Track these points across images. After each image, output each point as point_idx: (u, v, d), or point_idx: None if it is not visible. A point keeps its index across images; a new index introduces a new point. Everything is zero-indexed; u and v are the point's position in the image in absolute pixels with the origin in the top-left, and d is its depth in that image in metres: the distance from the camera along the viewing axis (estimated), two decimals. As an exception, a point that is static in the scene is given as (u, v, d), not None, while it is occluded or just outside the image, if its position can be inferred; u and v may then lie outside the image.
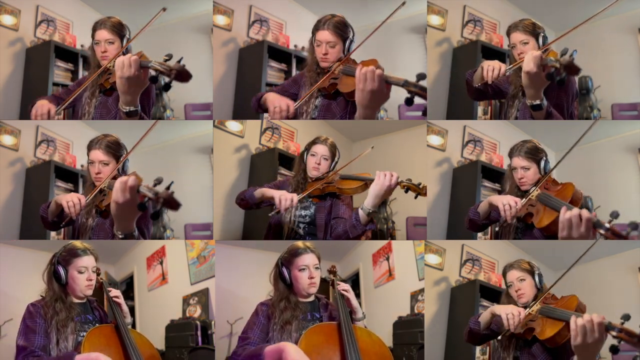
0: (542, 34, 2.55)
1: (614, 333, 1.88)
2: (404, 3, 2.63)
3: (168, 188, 1.99)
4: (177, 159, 3.25)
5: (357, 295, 3.38)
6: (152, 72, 2.34)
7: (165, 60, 2.34)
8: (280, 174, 3.22)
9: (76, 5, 3.17)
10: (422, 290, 3.04)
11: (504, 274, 2.50)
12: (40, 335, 2.15)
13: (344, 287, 2.38)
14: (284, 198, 2.53)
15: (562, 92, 2.54)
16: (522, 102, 2.58)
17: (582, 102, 3.09)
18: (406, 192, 2.48)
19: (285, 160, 3.27)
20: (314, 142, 2.71)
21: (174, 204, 1.97)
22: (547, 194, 2.38)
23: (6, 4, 3.01)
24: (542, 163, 2.50)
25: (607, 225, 1.99)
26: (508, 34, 2.61)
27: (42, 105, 2.58)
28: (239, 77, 3.23)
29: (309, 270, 2.35)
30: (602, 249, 3.12)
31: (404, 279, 3.17)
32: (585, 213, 2.10)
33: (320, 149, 2.68)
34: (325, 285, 2.51)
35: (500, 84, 2.70)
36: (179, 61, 2.32)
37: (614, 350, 1.88)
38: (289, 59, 3.33)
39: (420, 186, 2.46)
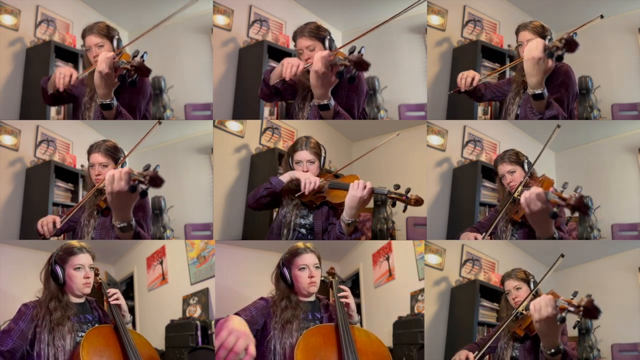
0: (549, 37, 2.59)
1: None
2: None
3: (141, 58, 2.22)
4: (177, 159, 3.25)
5: (357, 295, 3.38)
6: (123, 72, 2.39)
7: (133, 57, 2.39)
8: (280, 174, 3.22)
9: (76, 5, 3.17)
10: (422, 290, 3.03)
11: (502, 282, 2.66)
12: (13, 339, 2.16)
13: (345, 294, 2.38)
14: (309, 182, 2.56)
15: (562, 88, 2.58)
16: (522, 99, 2.60)
17: (582, 102, 3.10)
18: (393, 205, 2.46)
19: (285, 160, 3.26)
20: (294, 149, 2.69)
21: (158, 181, 2.09)
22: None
23: (6, 4, 3.01)
24: (526, 165, 2.65)
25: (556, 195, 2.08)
26: (517, 32, 2.66)
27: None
28: (239, 77, 3.23)
29: (309, 270, 2.36)
30: (602, 249, 3.13)
31: (404, 279, 3.16)
32: (535, 189, 2.14)
33: (303, 155, 2.65)
34: (326, 285, 2.51)
35: (501, 85, 2.76)
36: (142, 56, 2.39)
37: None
38: (289, 59, 3.33)
39: (410, 197, 2.42)
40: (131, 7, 3.12)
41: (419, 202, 2.43)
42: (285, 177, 2.65)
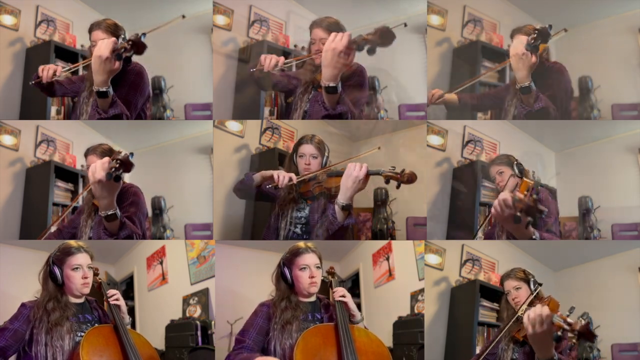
0: None
1: (562, 325, 1.93)
2: (405, 25, 2.64)
3: (137, 35, 2.34)
4: (177, 159, 3.24)
5: (357, 295, 3.38)
6: (121, 51, 2.45)
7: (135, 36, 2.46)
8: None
9: (76, 5, 3.17)
10: (422, 290, 3.03)
11: (502, 283, 2.67)
12: (5, 338, 2.18)
13: (341, 294, 2.38)
14: (282, 175, 2.59)
15: (554, 86, 2.66)
16: (519, 100, 2.65)
17: (582, 102, 3.10)
18: (387, 182, 2.46)
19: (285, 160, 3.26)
20: (300, 143, 2.73)
21: (128, 165, 2.23)
22: None
23: (6, 4, 3.01)
24: (516, 168, 2.73)
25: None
26: (511, 36, 2.72)
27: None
28: (239, 77, 3.23)
29: (310, 270, 2.36)
30: (602, 249, 3.13)
31: (404, 279, 3.16)
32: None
33: (308, 149, 2.69)
34: (325, 285, 2.51)
35: (499, 92, 2.88)
36: (140, 36, 2.45)
37: (557, 339, 1.99)
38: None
39: (403, 173, 2.43)
40: (131, 7, 3.11)
41: (411, 178, 2.45)
42: (257, 176, 2.72)
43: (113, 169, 2.21)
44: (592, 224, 3.14)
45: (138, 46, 2.42)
